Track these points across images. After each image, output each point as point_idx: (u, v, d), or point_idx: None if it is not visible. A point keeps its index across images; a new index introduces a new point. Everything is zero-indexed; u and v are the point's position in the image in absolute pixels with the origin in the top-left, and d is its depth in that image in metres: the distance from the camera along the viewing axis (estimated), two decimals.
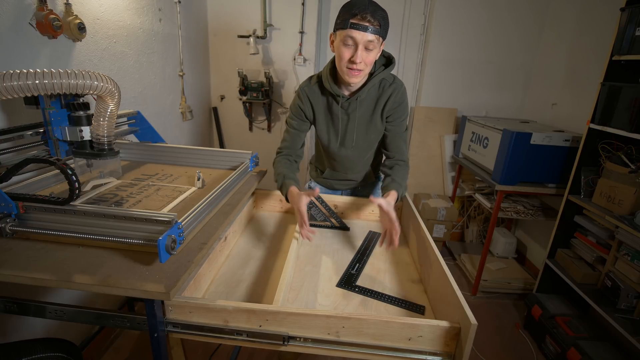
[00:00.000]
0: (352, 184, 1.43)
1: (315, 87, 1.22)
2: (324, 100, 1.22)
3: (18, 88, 0.78)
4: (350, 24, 1.00)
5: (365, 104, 1.20)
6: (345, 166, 1.35)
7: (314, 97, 1.22)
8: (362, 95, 1.17)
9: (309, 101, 1.23)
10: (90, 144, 1.01)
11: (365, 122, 1.23)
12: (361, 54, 1.03)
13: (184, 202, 1.05)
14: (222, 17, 2.61)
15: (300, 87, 1.25)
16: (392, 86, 1.19)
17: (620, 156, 1.65)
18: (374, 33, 1.01)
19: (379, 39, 1.03)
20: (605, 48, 1.65)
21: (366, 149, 1.30)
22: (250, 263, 1.06)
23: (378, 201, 1.02)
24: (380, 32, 1.02)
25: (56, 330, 1.44)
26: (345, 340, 0.73)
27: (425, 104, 2.81)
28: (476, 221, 2.85)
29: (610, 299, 1.63)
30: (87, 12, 1.44)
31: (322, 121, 1.25)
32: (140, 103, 1.88)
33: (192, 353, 1.67)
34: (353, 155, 1.30)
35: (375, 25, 1.00)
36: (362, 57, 1.04)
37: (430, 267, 0.94)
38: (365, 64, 1.06)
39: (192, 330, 0.76)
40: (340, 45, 1.05)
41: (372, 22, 0.99)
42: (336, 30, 1.06)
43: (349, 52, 1.04)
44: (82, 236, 0.79)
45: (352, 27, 1.00)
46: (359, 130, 1.24)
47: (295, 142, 1.27)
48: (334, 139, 1.27)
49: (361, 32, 1.00)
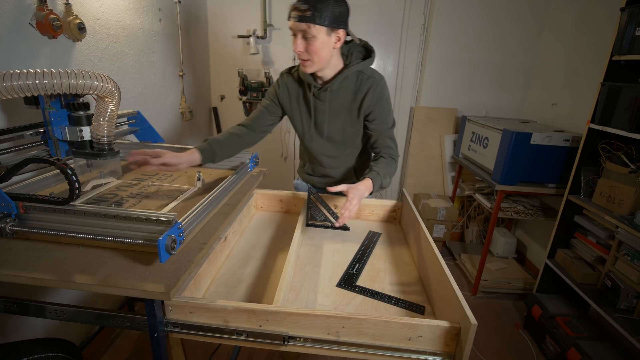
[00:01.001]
0: (331, 180, 1.39)
1: (295, 75, 1.23)
2: (300, 90, 1.23)
3: (18, 88, 0.78)
4: (289, 16, 1.03)
5: (341, 95, 1.19)
6: (321, 160, 1.34)
7: (291, 84, 1.23)
8: (333, 86, 1.15)
9: (286, 87, 1.24)
10: (90, 144, 1.01)
11: (340, 113, 1.21)
12: (299, 43, 1.04)
13: (184, 202, 1.05)
14: (222, 17, 2.61)
15: (280, 73, 1.27)
16: (370, 80, 1.16)
17: (620, 156, 1.65)
18: (305, 21, 1.00)
19: (314, 26, 1.00)
20: (605, 48, 1.65)
21: (343, 144, 1.27)
22: (250, 263, 1.06)
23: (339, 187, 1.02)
24: (313, 20, 0.99)
25: (56, 330, 1.44)
26: (345, 340, 0.73)
27: (425, 104, 2.81)
28: (476, 221, 2.85)
29: (610, 299, 1.63)
30: (87, 12, 1.44)
31: (296, 109, 1.25)
32: (140, 103, 1.88)
33: (192, 353, 1.67)
34: (328, 148, 1.29)
35: (306, 13, 0.99)
36: (301, 46, 1.05)
37: (430, 267, 0.94)
38: (309, 53, 1.06)
39: (192, 330, 0.76)
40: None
41: (302, 10, 0.99)
42: None
43: (294, 42, 1.06)
44: (82, 236, 0.79)
45: (290, 19, 1.03)
46: (333, 121, 1.22)
47: (258, 118, 1.26)
48: (307, 128, 1.27)
49: (294, 22, 1.02)
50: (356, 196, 1.01)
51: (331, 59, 1.12)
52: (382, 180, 1.11)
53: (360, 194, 1.03)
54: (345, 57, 1.19)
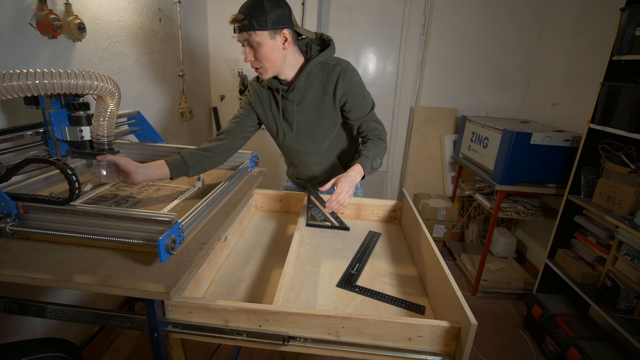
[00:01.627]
0: (318, 180, 1.38)
1: (261, 83, 1.22)
2: (269, 95, 1.22)
3: (18, 88, 0.78)
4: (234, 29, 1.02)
5: (311, 90, 1.17)
6: (304, 160, 1.33)
7: (260, 90, 1.23)
8: (299, 84, 1.14)
9: (257, 95, 1.23)
10: (90, 144, 1.01)
11: (314, 109, 1.20)
12: (248, 52, 1.05)
13: (184, 202, 1.05)
14: (222, 17, 2.61)
15: (249, 82, 1.27)
16: (337, 68, 1.14)
17: (620, 156, 1.65)
18: (244, 30, 1.00)
19: (255, 33, 1.00)
20: (605, 48, 1.65)
21: (322, 139, 1.26)
22: (250, 263, 1.06)
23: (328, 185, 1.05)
24: (253, 27, 0.99)
25: (56, 330, 1.44)
26: (345, 340, 0.73)
27: (425, 104, 2.81)
28: (476, 221, 2.85)
29: (610, 299, 1.63)
30: (87, 12, 1.44)
31: (270, 115, 1.24)
32: (140, 103, 1.88)
33: (192, 353, 1.67)
34: (307, 147, 1.27)
35: (243, 23, 0.99)
36: (250, 55, 1.05)
37: (430, 267, 0.94)
38: (259, 60, 1.06)
39: (192, 330, 0.76)
40: None
41: (239, 21, 0.99)
42: None
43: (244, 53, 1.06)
44: (82, 236, 0.79)
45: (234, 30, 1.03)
46: (306, 119, 1.21)
47: (237, 124, 1.23)
48: (287, 132, 1.26)
49: (237, 34, 1.02)
50: (345, 183, 1.02)
51: (285, 60, 1.10)
52: (371, 162, 1.11)
53: (351, 180, 1.04)
54: (305, 52, 1.17)
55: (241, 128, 1.23)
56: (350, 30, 2.76)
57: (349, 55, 2.83)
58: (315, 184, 1.38)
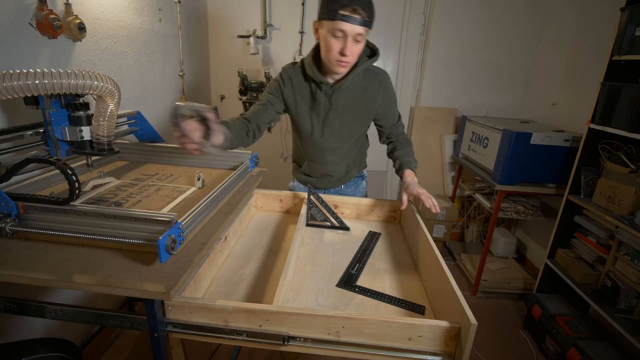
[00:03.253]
0: (331, 180, 1.40)
1: (299, 72, 1.19)
2: (306, 87, 1.20)
3: (18, 88, 0.78)
4: (340, 16, 0.96)
5: (351, 93, 1.19)
6: (324, 157, 1.33)
7: (297, 81, 1.20)
8: (346, 84, 1.16)
9: (291, 84, 1.20)
10: (90, 144, 1.01)
11: (349, 111, 1.21)
12: (352, 46, 1.01)
13: (184, 202, 1.05)
14: (222, 17, 2.61)
15: (283, 68, 1.21)
16: (379, 77, 1.19)
17: (620, 156, 1.65)
18: (364, 25, 0.99)
19: (367, 30, 1.02)
20: (605, 48, 1.65)
21: (347, 139, 1.29)
22: (250, 263, 1.06)
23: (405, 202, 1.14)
24: (370, 24, 1.00)
25: (56, 330, 1.44)
26: (345, 340, 0.73)
27: (425, 104, 2.81)
28: (476, 221, 2.85)
29: (610, 299, 1.63)
30: (87, 12, 1.44)
31: (304, 108, 1.23)
32: (140, 103, 1.88)
33: (192, 353, 1.67)
34: (333, 144, 1.29)
35: (365, 17, 0.98)
36: (351, 49, 1.02)
37: (430, 267, 0.94)
38: (354, 55, 1.05)
39: (192, 330, 0.76)
40: (328, 36, 1.01)
41: (362, 15, 0.96)
42: (322, 19, 1.01)
43: (338, 44, 1.01)
44: (82, 236, 0.79)
45: (341, 19, 0.96)
46: (342, 118, 1.23)
47: (260, 113, 1.19)
48: (316, 126, 1.25)
49: (351, 25, 0.97)
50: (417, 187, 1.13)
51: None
52: (415, 164, 1.25)
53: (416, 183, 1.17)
54: None
55: (262, 117, 1.20)
56: None
57: None
58: (327, 183, 1.42)
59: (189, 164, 1.41)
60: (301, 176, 1.45)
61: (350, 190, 1.47)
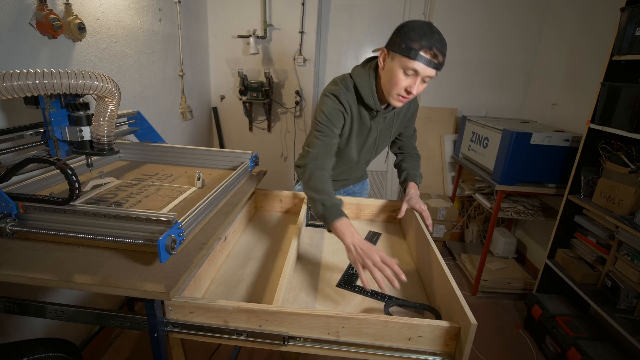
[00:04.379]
0: (349, 182, 1.46)
1: (353, 96, 1.12)
2: (357, 110, 1.14)
3: (18, 88, 0.78)
4: (420, 57, 0.92)
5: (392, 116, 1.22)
6: (352, 170, 1.38)
7: (354, 106, 1.13)
8: (396, 110, 1.19)
9: (350, 110, 1.13)
10: (90, 144, 1.01)
11: (387, 133, 1.26)
12: (418, 85, 0.98)
13: (184, 202, 1.05)
14: (222, 17, 2.61)
15: (336, 91, 1.10)
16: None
17: (620, 156, 1.65)
18: (437, 69, 0.96)
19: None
20: (605, 48, 1.65)
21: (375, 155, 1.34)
22: (250, 263, 1.06)
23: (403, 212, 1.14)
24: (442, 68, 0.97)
25: (56, 330, 1.44)
26: (345, 340, 0.73)
27: (425, 104, 2.81)
28: (476, 221, 2.85)
29: (610, 299, 1.63)
30: (87, 12, 1.44)
31: (355, 129, 1.17)
32: (140, 103, 1.88)
33: (192, 353, 1.67)
34: (363, 161, 1.33)
35: (441, 62, 0.95)
36: (418, 89, 0.99)
37: (430, 267, 0.94)
38: (416, 93, 1.02)
39: (192, 330, 0.76)
40: (397, 70, 0.98)
41: (440, 60, 0.94)
42: (396, 51, 0.96)
43: (407, 81, 0.98)
44: (82, 236, 0.79)
45: (420, 60, 0.93)
46: (380, 140, 1.26)
47: (331, 151, 1.11)
48: (358, 149, 1.24)
49: (429, 68, 0.94)
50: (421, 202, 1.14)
51: None
52: (420, 179, 1.28)
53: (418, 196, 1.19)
54: None
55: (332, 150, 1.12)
56: (350, 30, 2.76)
57: (349, 54, 2.83)
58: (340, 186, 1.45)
59: (189, 164, 1.41)
60: None
61: (357, 189, 1.51)
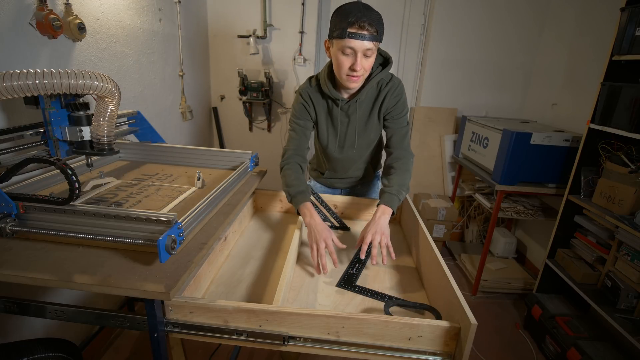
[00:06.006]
0: (352, 180, 1.44)
1: (316, 90, 1.21)
2: (324, 103, 1.22)
3: (18, 88, 0.78)
4: (349, 34, 0.97)
5: (364, 105, 1.21)
6: (346, 166, 1.36)
7: (316, 99, 1.22)
8: (361, 97, 1.17)
9: (312, 102, 1.22)
10: (90, 144, 1.01)
11: (364, 122, 1.23)
12: (360, 61, 1.02)
13: (184, 202, 1.05)
14: (222, 17, 2.61)
15: (301, 88, 1.23)
16: (389, 85, 1.19)
17: (620, 156, 1.65)
18: (373, 40, 0.99)
19: (377, 44, 1.03)
20: (605, 48, 1.65)
21: (366, 148, 1.31)
22: (250, 263, 1.06)
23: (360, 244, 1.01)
24: (378, 38, 1.01)
25: (56, 330, 1.44)
26: (345, 340, 0.73)
27: (425, 104, 2.81)
28: (476, 221, 2.85)
29: (610, 299, 1.63)
30: (87, 12, 1.44)
31: (323, 124, 1.25)
32: (140, 103, 1.88)
33: (192, 353, 1.67)
34: (353, 156, 1.31)
35: (373, 32, 0.98)
36: (361, 64, 1.03)
37: (430, 267, 0.94)
38: (365, 69, 1.06)
39: (192, 330, 0.76)
40: (338, 54, 1.03)
41: (369, 30, 0.97)
42: (332, 38, 1.03)
43: (348, 60, 1.03)
44: (82, 236, 0.79)
45: (350, 37, 0.98)
46: (359, 131, 1.24)
47: (302, 142, 1.23)
48: (333, 142, 1.27)
49: (360, 41, 0.98)
50: (377, 233, 0.99)
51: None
52: (397, 196, 1.08)
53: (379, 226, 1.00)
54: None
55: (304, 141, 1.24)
56: None
57: None
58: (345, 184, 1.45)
59: (189, 164, 1.41)
60: (322, 179, 1.46)
61: (365, 190, 1.49)
